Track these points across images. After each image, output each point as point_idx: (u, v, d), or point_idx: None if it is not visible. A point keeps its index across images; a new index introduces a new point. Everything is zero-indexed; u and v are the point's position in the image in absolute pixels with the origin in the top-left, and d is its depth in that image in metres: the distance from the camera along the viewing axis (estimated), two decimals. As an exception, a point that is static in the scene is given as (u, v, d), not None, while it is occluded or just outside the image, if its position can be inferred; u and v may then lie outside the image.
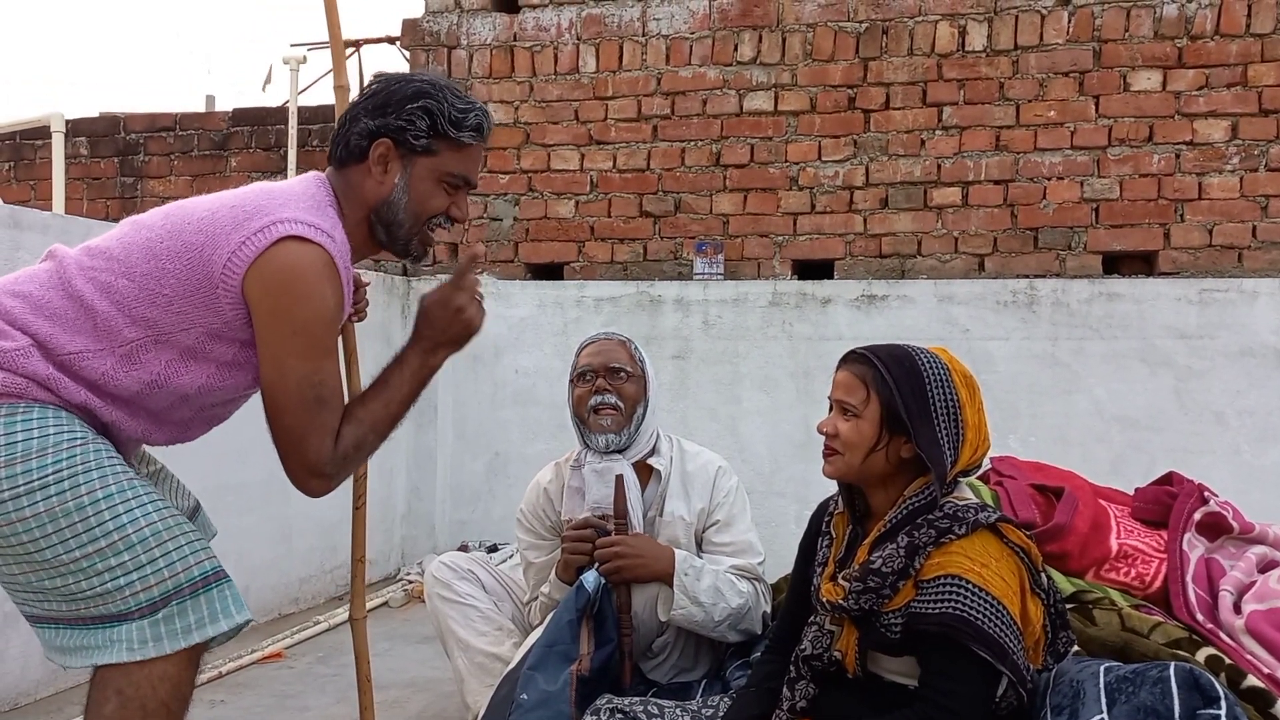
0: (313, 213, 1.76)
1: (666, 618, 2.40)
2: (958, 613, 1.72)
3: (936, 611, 1.74)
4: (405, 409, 1.89)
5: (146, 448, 2.02)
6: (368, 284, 2.25)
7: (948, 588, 1.75)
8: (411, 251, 1.94)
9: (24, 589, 1.68)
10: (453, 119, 1.84)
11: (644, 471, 2.55)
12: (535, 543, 2.63)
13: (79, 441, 1.65)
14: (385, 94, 1.85)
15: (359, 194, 1.86)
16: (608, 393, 2.49)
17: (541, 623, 2.44)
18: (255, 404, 2.02)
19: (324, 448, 1.77)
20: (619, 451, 2.50)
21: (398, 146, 1.83)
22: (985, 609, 1.73)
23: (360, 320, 2.23)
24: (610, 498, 2.45)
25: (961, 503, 1.86)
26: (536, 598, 2.58)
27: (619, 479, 2.45)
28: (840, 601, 1.86)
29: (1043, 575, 1.88)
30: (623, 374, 2.52)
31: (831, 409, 1.95)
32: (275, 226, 1.70)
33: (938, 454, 1.83)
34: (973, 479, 2.71)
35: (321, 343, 1.76)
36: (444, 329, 1.90)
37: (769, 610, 2.52)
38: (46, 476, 1.60)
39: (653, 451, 2.56)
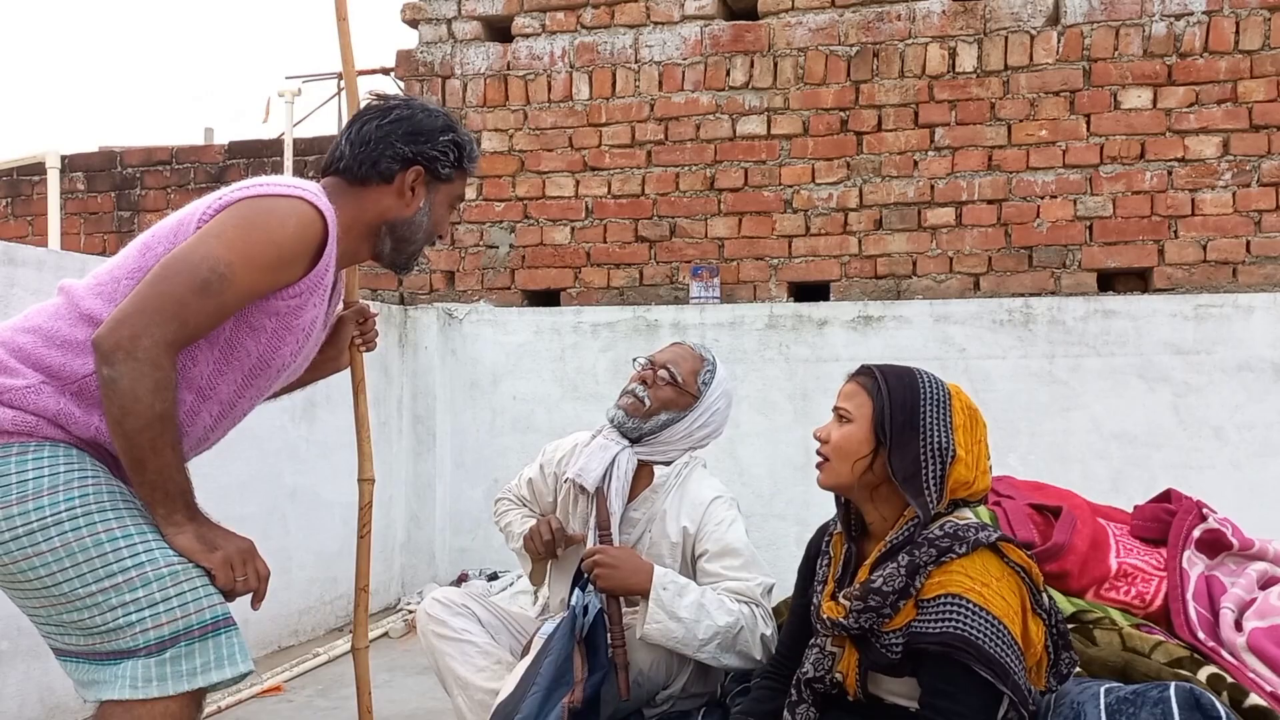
0: (308, 189, 1.81)
1: (642, 634, 2.35)
2: (958, 632, 1.72)
3: (937, 631, 1.74)
4: (140, 449, 1.63)
5: None
6: (375, 314, 2.30)
7: (948, 607, 1.75)
8: (410, 266, 2.06)
9: (45, 622, 1.70)
10: (468, 153, 2.00)
11: (645, 473, 2.58)
12: (535, 479, 2.76)
13: (90, 480, 1.67)
14: (415, 122, 1.93)
15: (375, 209, 1.93)
16: (642, 384, 2.56)
17: (531, 644, 2.43)
18: (249, 429, 2.02)
19: (160, 335, 1.61)
20: (630, 440, 2.55)
21: (427, 173, 1.95)
22: (986, 628, 1.73)
23: (370, 350, 2.31)
24: (594, 472, 2.51)
25: (962, 522, 1.86)
26: (519, 507, 2.74)
27: (599, 492, 2.49)
28: (841, 619, 1.86)
29: (1044, 595, 1.87)
30: (670, 377, 2.56)
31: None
32: (261, 187, 1.77)
33: (913, 470, 1.85)
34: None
35: (254, 250, 1.70)
36: (212, 538, 1.73)
37: (770, 633, 2.47)
38: (60, 513, 1.62)
39: (666, 462, 2.57)
